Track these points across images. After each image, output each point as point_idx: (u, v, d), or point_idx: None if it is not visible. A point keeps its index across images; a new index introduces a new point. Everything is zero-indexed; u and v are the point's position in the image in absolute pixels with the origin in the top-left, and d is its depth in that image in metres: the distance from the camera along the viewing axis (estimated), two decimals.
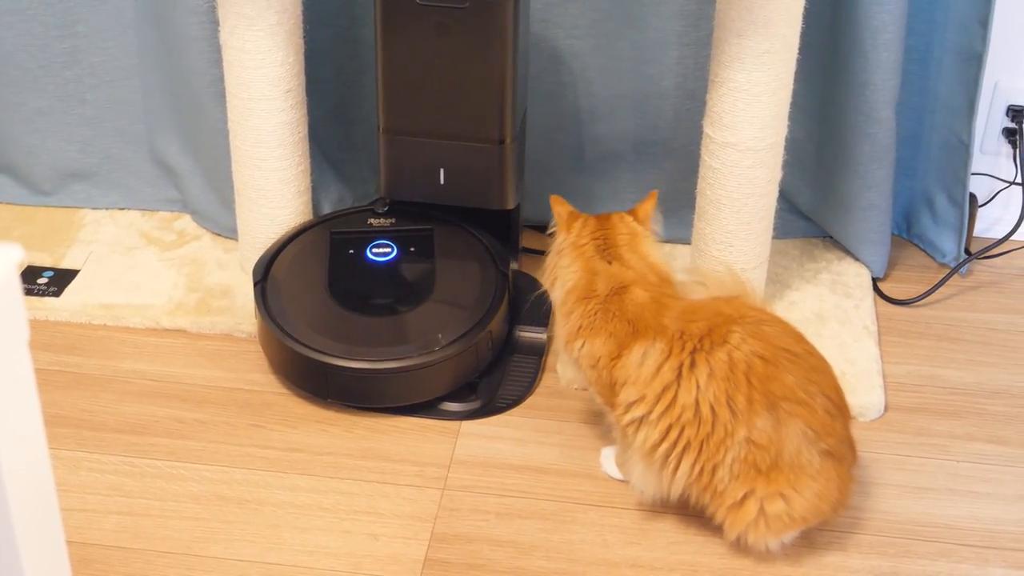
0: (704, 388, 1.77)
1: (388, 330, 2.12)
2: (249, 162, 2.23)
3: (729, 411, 1.76)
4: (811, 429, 1.77)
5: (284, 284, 2.18)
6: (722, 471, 1.78)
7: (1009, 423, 2.12)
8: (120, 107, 2.47)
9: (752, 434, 1.76)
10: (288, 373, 2.13)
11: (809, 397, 1.78)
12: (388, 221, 2.27)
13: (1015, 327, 2.32)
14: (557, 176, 2.43)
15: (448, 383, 2.10)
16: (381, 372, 2.05)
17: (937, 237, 2.46)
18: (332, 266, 2.21)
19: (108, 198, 2.54)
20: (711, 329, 1.80)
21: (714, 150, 2.10)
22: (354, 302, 2.15)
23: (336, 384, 2.07)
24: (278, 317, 2.11)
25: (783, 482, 1.77)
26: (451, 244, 2.24)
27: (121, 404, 2.12)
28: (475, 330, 2.10)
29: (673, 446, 1.79)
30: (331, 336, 2.08)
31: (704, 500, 1.83)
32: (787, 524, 1.81)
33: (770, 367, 1.77)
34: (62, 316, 2.29)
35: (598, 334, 1.87)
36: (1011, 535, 1.92)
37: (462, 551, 1.88)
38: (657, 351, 1.81)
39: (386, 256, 2.22)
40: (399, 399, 2.09)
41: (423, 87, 2.13)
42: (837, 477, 1.81)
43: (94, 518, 1.92)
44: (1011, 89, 2.41)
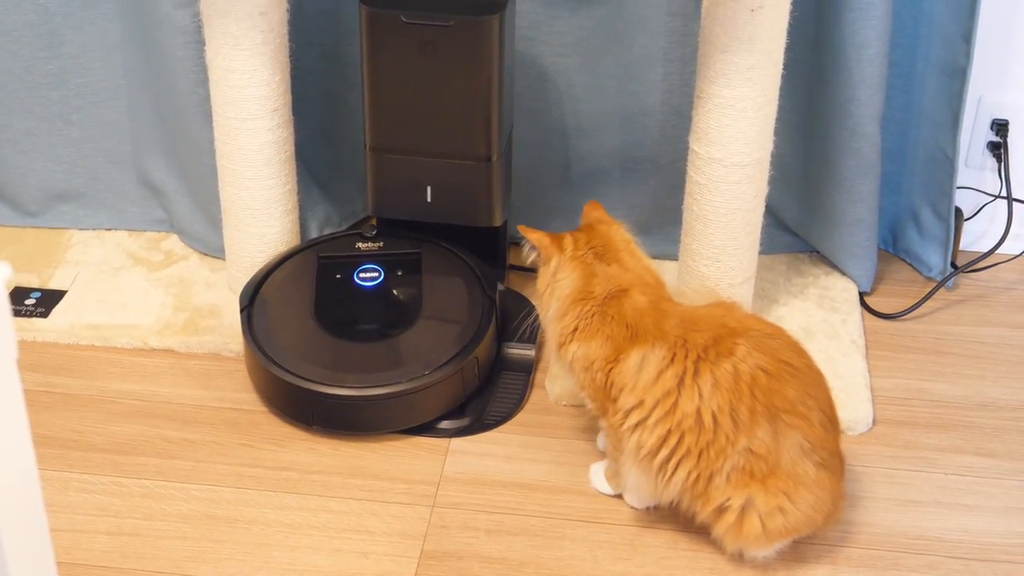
0: (708, 398, 1.78)
1: (373, 356, 2.10)
2: (236, 182, 2.24)
3: (732, 421, 1.77)
4: (808, 441, 1.78)
5: (270, 309, 2.16)
6: (719, 479, 1.79)
7: (997, 435, 2.12)
8: (106, 128, 2.47)
9: (752, 444, 1.77)
10: (272, 400, 2.12)
11: (807, 411, 1.79)
12: (376, 245, 2.26)
13: (1002, 340, 2.33)
14: (543, 193, 2.44)
15: (434, 409, 2.09)
16: (365, 399, 2.04)
17: (923, 251, 2.47)
18: (319, 291, 2.19)
19: (95, 219, 2.54)
20: (716, 340, 1.81)
21: (700, 165, 2.10)
22: (340, 327, 2.13)
23: (320, 411, 2.06)
24: (263, 343, 2.10)
25: (779, 491, 1.78)
26: (439, 268, 2.23)
27: (109, 424, 2.12)
28: (461, 356, 2.08)
29: (672, 452, 1.80)
30: (315, 362, 2.07)
31: (696, 507, 1.84)
32: (781, 533, 1.81)
33: (773, 380, 1.78)
34: (50, 337, 2.29)
35: (594, 337, 1.86)
36: (1000, 547, 1.92)
37: (452, 568, 1.88)
38: (657, 357, 1.81)
39: (373, 281, 2.21)
40: (384, 426, 2.07)
41: (409, 105, 2.14)
42: (831, 488, 1.82)
43: (83, 538, 1.91)
44: (995, 103, 2.42)
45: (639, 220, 2.42)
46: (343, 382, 2.04)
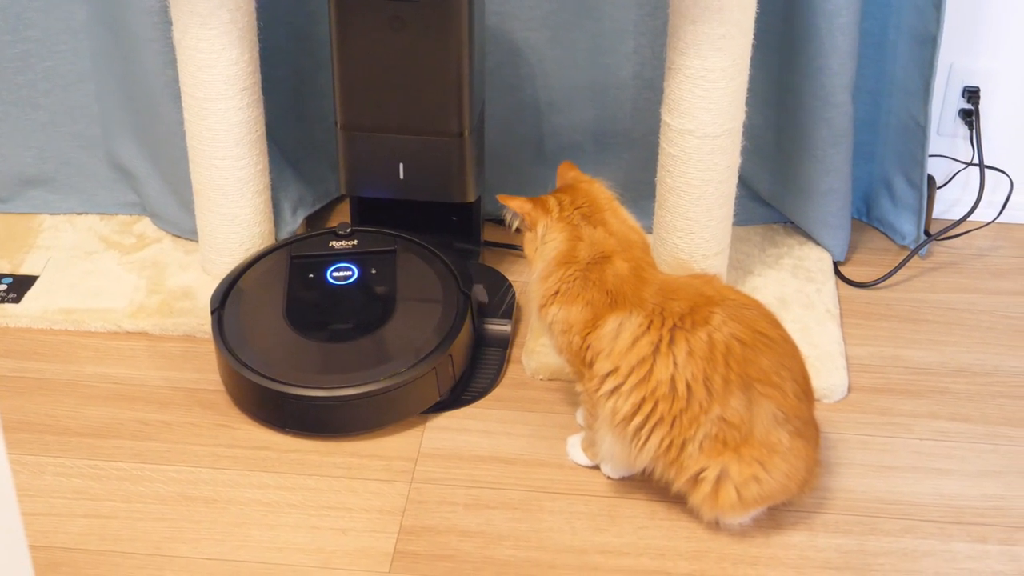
0: (682, 365, 1.78)
1: (346, 356, 2.06)
2: (207, 162, 2.23)
3: (705, 390, 1.78)
4: (781, 411, 1.79)
5: (242, 311, 2.13)
6: (691, 447, 1.80)
7: (971, 401, 2.13)
8: (75, 111, 2.46)
9: (725, 413, 1.77)
10: (244, 403, 2.08)
11: (781, 381, 1.80)
12: (350, 243, 2.23)
13: (975, 307, 2.34)
14: (517, 169, 2.44)
15: (409, 409, 2.06)
16: (338, 400, 2.00)
17: (896, 220, 2.48)
18: (291, 291, 2.16)
19: (66, 203, 2.53)
20: (692, 309, 1.81)
21: (672, 137, 2.10)
22: (311, 328, 2.10)
23: (292, 414, 2.03)
24: (234, 346, 2.07)
25: (753, 459, 1.79)
26: (413, 265, 2.20)
27: (85, 408, 2.11)
28: (436, 353, 2.04)
29: (646, 419, 1.80)
30: (286, 364, 2.04)
31: (670, 474, 1.84)
32: (756, 501, 1.82)
33: (747, 350, 1.79)
34: (22, 322, 2.28)
35: (575, 301, 1.86)
36: (974, 510, 1.93)
37: (431, 543, 1.88)
38: (634, 324, 1.82)
39: (346, 279, 2.17)
40: (358, 427, 2.04)
41: (380, 82, 2.13)
42: (805, 456, 1.83)
43: (60, 522, 1.91)
44: (966, 70, 2.42)
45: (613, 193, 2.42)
46: (315, 383, 2.01)
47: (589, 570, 1.83)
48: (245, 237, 2.30)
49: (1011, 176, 2.46)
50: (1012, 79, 2.43)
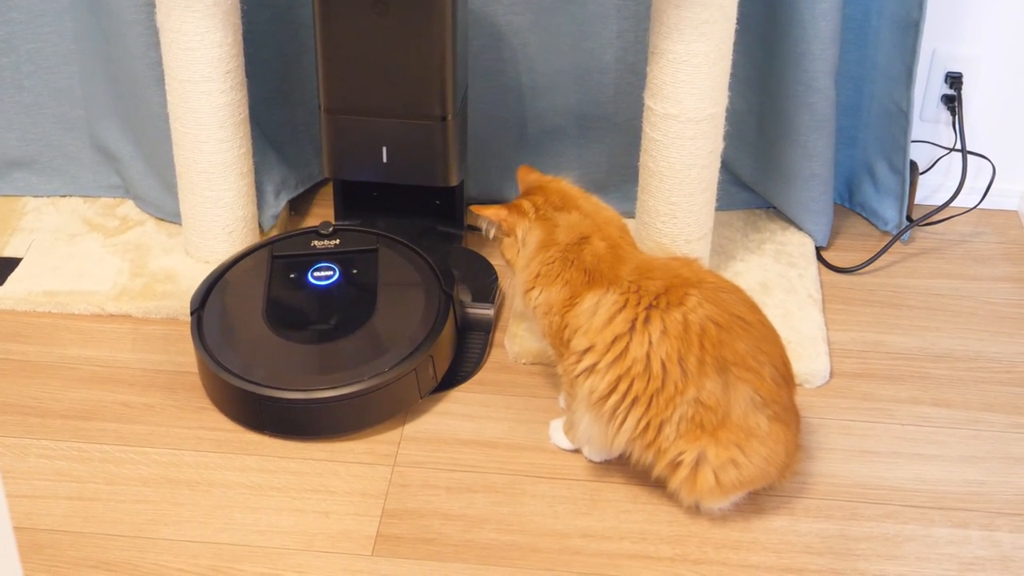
0: (656, 344, 1.79)
1: (325, 358, 2.03)
2: (190, 145, 2.22)
3: (680, 370, 1.78)
4: (759, 395, 1.79)
5: (222, 312, 2.10)
6: (668, 429, 1.80)
7: (952, 386, 2.14)
8: (59, 94, 2.45)
9: (701, 395, 1.78)
10: (222, 405, 2.05)
11: (758, 365, 1.80)
12: (332, 243, 2.20)
13: (957, 292, 2.35)
14: (500, 153, 2.44)
15: (389, 411, 2.03)
16: (316, 402, 1.97)
17: (879, 205, 2.48)
18: (271, 291, 2.13)
19: (49, 185, 2.52)
20: (668, 288, 1.82)
21: (655, 122, 2.10)
22: (291, 329, 2.06)
23: (270, 416, 2.00)
24: (212, 347, 2.04)
25: (731, 443, 1.79)
26: (395, 265, 2.17)
27: (68, 390, 2.11)
28: (416, 354, 2.01)
29: (622, 398, 1.81)
30: (264, 366, 2.00)
31: (648, 458, 1.85)
32: (735, 486, 1.83)
33: (723, 333, 1.79)
34: (6, 305, 2.28)
35: (554, 282, 1.88)
36: (955, 495, 1.94)
37: (413, 526, 1.88)
38: (610, 301, 1.83)
39: (328, 279, 2.14)
40: (337, 430, 2.01)
41: (363, 66, 2.13)
42: (784, 441, 1.83)
43: (44, 504, 1.91)
44: (949, 56, 2.43)
45: (596, 178, 2.43)
46: (293, 385, 1.97)
47: (571, 554, 1.84)
48: (228, 220, 2.29)
49: (993, 162, 2.47)
50: (995, 65, 2.43)
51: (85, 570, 1.81)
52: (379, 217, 2.37)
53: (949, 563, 1.83)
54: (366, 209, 2.37)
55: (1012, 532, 1.88)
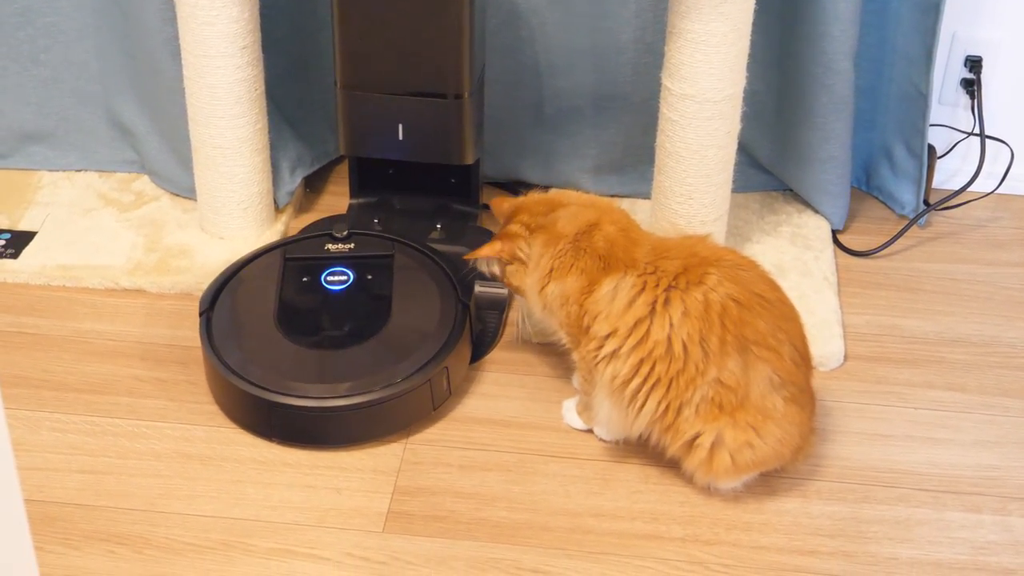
0: (678, 325, 1.78)
1: (338, 365, 1.97)
2: (206, 120, 2.22)
3: (701, 350, 1.78)
4: (777, 375, 1.79)
5: (232, 314, 2.05)
6: (688, 410, 1.80)
7: (967, 371, 2.13)
8: (75, 68, 2.45)
9: (722, 375, 1.78)
10: (230, 410, 2.00)
11: (778, 344, 1.80)
12: (346, 247, 2.14)
13: (973, 277, 2.34)
14: (516, 132, 2.43)
15: (400, 423, 1.97)
16: (328, 410, 1.92)
17: (896, 189, 2.47)
18: (283, 294, 2.08)
19: (65, 160, 2.53)
20: (687, 268, 1.81)
21: (672, 102, 2.10)
22: (303, 334, 2.01)
23: (280, 423, 1.94)
24: (221, 349, 1.98)
25: (748, 425, 1.79)
26: (411, 272, 2.11)
27: (81, 364, 2.11)
28: (431, 365, 1.96)
29: (644, 381, 1.80)
30: (275, 371, 1.95)
31: (665, 440, 1.84)
32: (749, 466, 1.83)
33: (744, 311, 1.78)
34: (20, 278, 2.28)
35: (569, 272, 1.86)
36: (968, 480, 1.93)
37: (425, 503, 1.88)
38: (628, 284, 1.82)
39: (341, 284, 2.09)
40: (348, 439, 1.96)
41: (380, 43, 2.12)
42: (799, 423, 1.83)
43: (56, 477, 1.91)
44: (969, 39, 2.41)
45: (612, 158, 2.42)
46: (304, 392, 1.92)
47: (582, 533, 1.84)
48: (243, 196, 2.29)
49: (1012, 147, 2.46)
50: (1015, 49, 2.42)
51: (96, 543, 1.81)
52: (394, 195, 2.36)
53: (961, 547, 1.83)
54: (381, 187, 2.37)
55: None
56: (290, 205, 2.43)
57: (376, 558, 1.80)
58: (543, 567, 1.79)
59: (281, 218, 2.39)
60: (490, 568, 1.79)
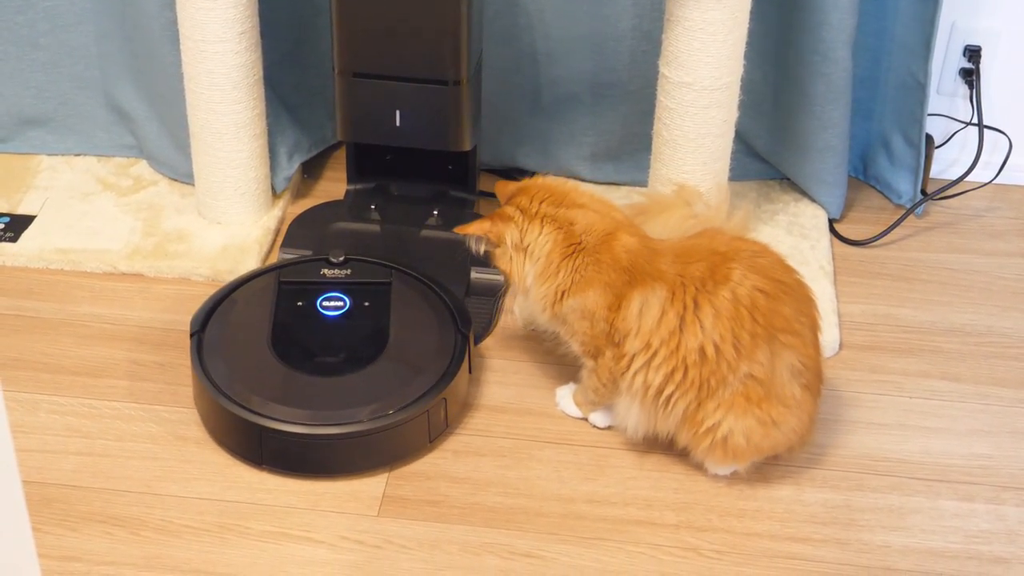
0: (710, 329, 1.78)
1: (333, 392, 1.91)
2: (204, 105, 2.23)
3: (734, 349, 1.78)
4: (800, 361, 1.80)
5: (224, 336, 1.99)
6: (711, 404, 1.80)
7: (962, 360, 2.14)
8: (74, 52, 2.46)
9: (753, 369, 1.78)
10: (220, 435, 1.94)
11: (802, 328, 1.81)
12: (343, 272, 2.09)
13: (970, 267, 2.34)
14: (514, 119, 2.43)
15: (396, 453, 1.91)
16: (321, 438, 1.86)
17: (893, 178, 2.48)
18: (277, 318, 2.02)
19: (64, 144, 2.53)
20: (712, 269, 1.80)
21: (670, 90, 2.10)
22: (297, 359, 1.95)
23: (271, 449, 1.88)
24: (212, 372, 1.93)
25: (768, 412, 1.80)
26: (409, 299, 2.06)
27: (79, 347, 2.12)
28: (428, 396, 1.90)
29: (676, 388, 1.80)
30: (268, 396, 1.89)
31: (682, 432, 1.85)
32: (761, 451, 1.84)
33: (770, 300, 1.79)
34: (19, 262, 2.29)
35: (590, 286, 1.84)
36: (961, 468, 1.94)
37: (420, 488, 1.89)
38: (659, 298, 1.80)
39: (337, 310, 2.03)
40: (341, 469, 1.90)
41: (378, 28, 2.13)
42: (809, 411, 1.85)
43: (54, 458, 1.92)
44: (968, 29, 2.42)
45: (609, 146, 2.43)
46: (298, 419, 1.86)
47: (576, 519, 1.85)
48: (241, 181, 2.30)
49: (1010, 137, 2.46)
50: (1014, 39, 2.42)
51: (93, 524, 1.82)
52: (392, 181, 2.37)
53: (954, 536, 1.84)
54: (379, 173, 2.37)
55: (1018, 506, 1.88)
56: (287, 190, 2.43)
57: (370, 542, 1.81)
58: (537, 552, 1.80)
59: (278, 203, 2.40)
60: (484, 552, 1.80)
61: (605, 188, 2.45)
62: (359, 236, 2.29)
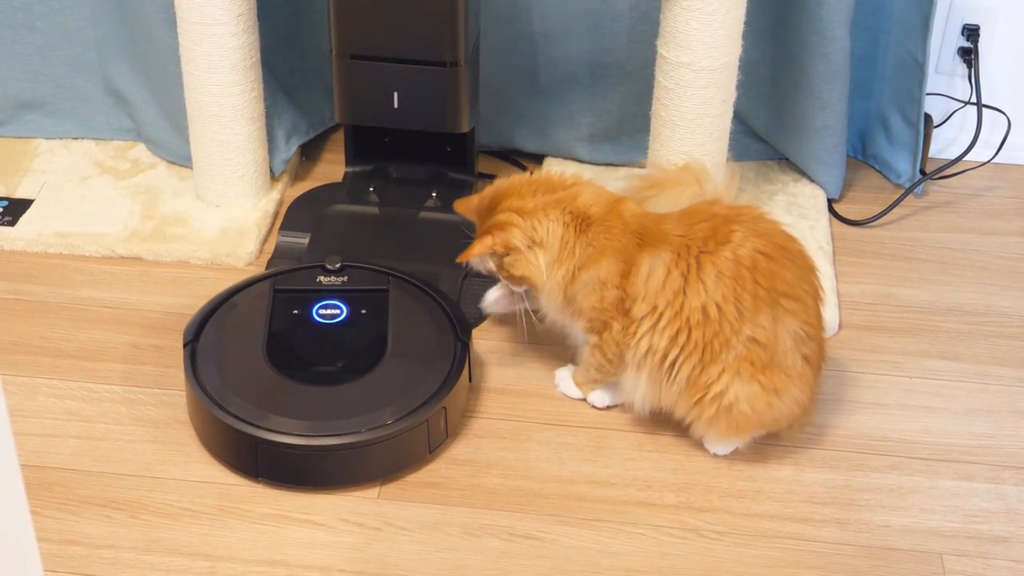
0: (712, 289, 1.78)
1: (329, 401, 1.87)
2: (201, 88, 2.22)
3: (735, 310, 1.78)
4: (803, 329, 1.80)
5: (218, 345, 1.95)
6: (715, 368, 1.80)
7: (961, 340, 2.14)
8: (71, 35, 2.45)
9: (755, 332, 1.78)
10: (214, 446, 1.90)
11: (804, 295, 1.81)
12: (340, 279, 2.04)
13: (968, 246, 2.34)
14: (512, 100, 2.43)
15: (396, 464, 1.87)
16: (317, 450, 1.82)
17: (892, 158, 2.47)
18: (272, 327, 1.97)
19: (62, 127, 2.52)
20: (714, 230, 1.80)
21: (668, 70, 2.09)
22: (293, 368, 1.91)
23: (266, 460, 1.84)
24: (205, 381, 1.89)
25: (771, 381, 1.79)
26: (407, 307, 2.01)
27: (78, 331, 2.12)
28: (428, 405, 1.86)
29: (681, 351, 1.80)
30: (262, 406, 1.84)
31: (682, 404, 1.84)
32: (763, 424, 1.84)
33: (772, 263, 1.79)
34: (17, 246, 2.28)
35: (603, 255, 1.83)
36: (961, 448, 1.94)
37: (420, 470, 1.89)
38: (664, 260, 1.80)
39: (334, 318, 1.99)
40: (338, 481, 1.85)
41: (375, 10, 2.12)
42: (811, 384, 1.85)
43: (53, 442, 1.92)
44: (966, 7, 2.41)
45: (607, 127, 2.42)
46: (293, 429, 1.82)
47: (575, 500, 1.85)
48: (239, 164, 2.30)
49: (1009, 116, 2.46)
50: (1013, 18, 2.41)
51: (93, 508, 1.82)
52: (390, 163, 2.37)
53: (954, 515, 1.84)
54: (377, 155, 2.37)
55: (1018, 485, 1.88)
56: (286, 173, 2.43)
57: (371, 524, 1.81)
58: (537, 533, 1.80)
59: (277, 186, 2.40)
60: (484, 534, 1.80)
61: (603, 169, 2.45)
62: (357, 218, 2.29)
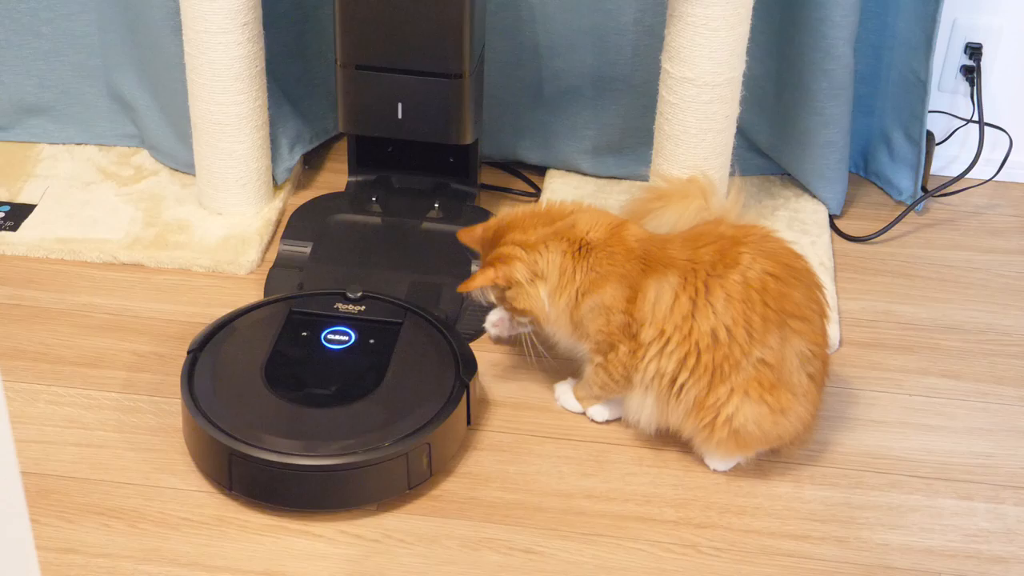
0: (722, 312, 1.78)
1: (312, 422, 1.84)
2: (206, 96, 2.22)
3: (745, 333, 1.78)
4: (809, 348, 1.80)
5: (220, 357, 1.95)
6: (723, 389, 1.80)
7: (962, 358, 2.14)
8: (76, 41, 2.45)
9: (764, 354, 1.78)
10: (194, 454, 1.89)
11: (811, 314, 1.81)
12: (357, 308, 2.03)
13: (970, 264, 2.34)
14: (515, 112, 2.43)
15: (371, 494, 1.83)
16: (290, 467, 1.78)
17: (894, 175, 2.48)
18: (278, 345, 1.97)
19: (65, 133, 2.53)
20: (721, 253, 1.80)
21: (672, 85, 2.10)
22: (286, 387, 1.89)
23: (240, 474, 1.81)
24: (196, 389, 1.88)
25: (778, 406, 1.80)
26: (416, 341, 1.98)
27: (79, 337, 2.12)
28: (411, 438, 1.81)
29: (691, 374, 1.80)
30: (243, 418, 1.83)
31: (689, 423, 1.84)
32: (766, 442, 1.84)
33: (781, 284, 1.79)
34: (19, 251, 2.28)
35: (607, 280, 1.83)
36: (961, 467, 1.94)
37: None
38: (671, 284, 1.80)
39: (341, 344, 1.98)
40: (311, 503, 1.82)
41: (380, 21, 2.12)
42: (815, 402, 1.85)
43: (52, 449, 1.92)
44: (969, 26, 2.41)
45: (610, 140, 2.42)
46: (268, 445, 1.79)
47: (575, 514, 1.85)
48: (242, 172, 2.30)
49: (1011, 134, 2.46)
50: (1015, 37, 2.42)
51: (91, 516, 1.82)
52: (393, 173, 2.37)
53: (953, 534, 1.84)
54: (380, 165, 2.37)
55: (1017, 505, 1.88)
56: (289, 182, 2.43)
57: (369, 536, 1.81)
58: (536, 547, 1.80)
59: (279, 194, 2.40)
60: (483, 547, 1.80)
61: (606, 181, 2.45)
62: (360, 228, 2.29)
